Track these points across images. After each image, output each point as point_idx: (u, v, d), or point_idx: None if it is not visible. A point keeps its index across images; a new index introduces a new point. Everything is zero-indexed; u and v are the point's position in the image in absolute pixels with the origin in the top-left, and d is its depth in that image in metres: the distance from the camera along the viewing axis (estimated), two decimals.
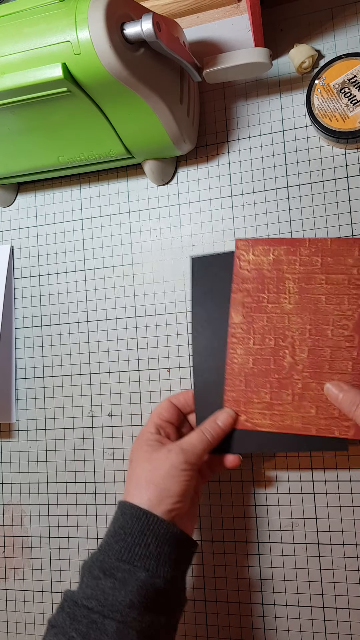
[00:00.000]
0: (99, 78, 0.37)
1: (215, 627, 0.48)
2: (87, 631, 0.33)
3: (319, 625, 0.45)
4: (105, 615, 0.33)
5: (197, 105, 0.50)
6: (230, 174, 0.50)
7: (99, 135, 0.45)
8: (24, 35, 0.37)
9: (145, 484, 0.38)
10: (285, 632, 0.46)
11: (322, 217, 0.47)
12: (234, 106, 0.50)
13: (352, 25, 0.48)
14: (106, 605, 0.34)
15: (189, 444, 0.40)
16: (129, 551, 0.35)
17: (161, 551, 0.36)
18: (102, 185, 0.54)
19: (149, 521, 0.36)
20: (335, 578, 0.45)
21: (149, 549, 0.35)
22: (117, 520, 0.38)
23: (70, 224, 0.55)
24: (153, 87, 0.40)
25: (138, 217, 0.53)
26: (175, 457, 0.39)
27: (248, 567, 0.47)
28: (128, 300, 0.53)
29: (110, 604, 0.34)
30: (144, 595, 0.34)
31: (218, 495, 0.48)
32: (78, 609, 0.34)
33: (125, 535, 0.36)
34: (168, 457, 0.39)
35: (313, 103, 0.46)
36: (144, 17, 0.36)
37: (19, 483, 0.55)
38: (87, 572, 0.36)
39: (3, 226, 0.58)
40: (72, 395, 0.54)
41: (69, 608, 0.35)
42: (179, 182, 0.52)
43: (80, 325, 0.54)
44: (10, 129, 0.44)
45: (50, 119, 0.43)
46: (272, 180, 0.49)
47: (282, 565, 0.46)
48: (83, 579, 0.36)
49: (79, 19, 0.36)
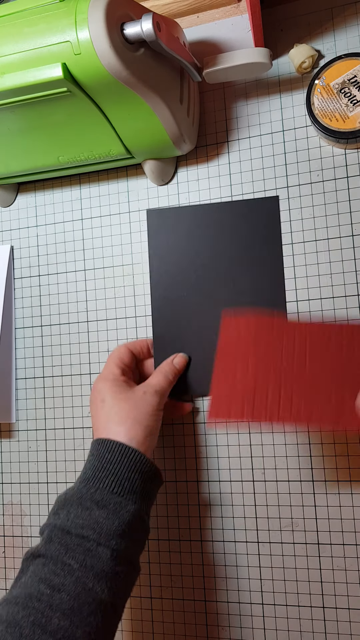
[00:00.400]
0: (99, 78, 0.37)
1: (215, 627, 0.48)
2: (83, 558, 0.35)
3: (319, 625, 0.45)
4: (100, 543, 0.36)
5: (197, 105, 0.50)
6: (230, 174, 0.50)
7: (99, 135, 0.45)
8: (24, 35, 0.37)
9: (131, 422, 0.41)
10: (285, 632, 0.46)
11: (322, 217, 0.47)
12: (234, 106, 0.50)
13: (352, 25, 0.48)
14: (101, 533, 0.36)
15: (159, 386, 0.44)
16: (119, 485, 0.38)
17: (144, 487, 0.40)
18: (102, 185, 0.54)
19: (136, 459, 0.39)
20: (335, 578, 0.45)
21: (136, 484, 0.39)
22: (103, 456, 0.40)
23: (70, 224, 0.55)
24: (153, 87, 0.40)
25: (138, 217, 0.53)
26: (151, 398, 0.42)
27: (248, 567, 0.47)
28: (128, 300, 0.53)
29: (105, 532, 0.36)
30: (132, 525, 0.38)
31: (218, 496, 0.48)
32: (71, 538, 0.36)
33: (114, 470, 0.39)
34: (145, 398, 0.42)
35: (313, 103, 0.46)
36: (144, 17, 0.36)
37: (19, 483, 0.55)
38: (75, 504, 0.38)
39: (3, 226, 0.58)
40: (72, 395, 0.54)
41: (59, 538, 0.36)
42: (179, 182, 0.52)
43: (80, 325, 0.54)
44: (10, 129, 0.44)
45: (50, 119, 0.43)
46: (272, 180, 0.49)
47: (282, 565, 0.46)
48: (70, 509, 0.38)
49: (79, 19, 0.36)
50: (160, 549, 0.50)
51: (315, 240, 0.47)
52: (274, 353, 0.41)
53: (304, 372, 0.40)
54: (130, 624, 0.50)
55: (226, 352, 0.42)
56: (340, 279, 0.46)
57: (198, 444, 0.49)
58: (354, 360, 0.40)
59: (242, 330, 0.42)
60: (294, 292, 0.47)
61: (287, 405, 0.40)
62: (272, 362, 0.41)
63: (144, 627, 0.50)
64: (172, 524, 0.50)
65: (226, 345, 0.42)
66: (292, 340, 0.41)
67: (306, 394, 0.40)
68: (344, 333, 0.41)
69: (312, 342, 0.41)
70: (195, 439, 0.50)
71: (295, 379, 0.40)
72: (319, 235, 0.47)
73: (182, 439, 0.50)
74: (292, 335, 0.41)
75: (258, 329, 0.42)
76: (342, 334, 0.41)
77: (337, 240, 0.47)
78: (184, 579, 0.49)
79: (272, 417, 0.39)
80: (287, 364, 0.41)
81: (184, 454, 0.50)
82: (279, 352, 0.41)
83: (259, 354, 0.41)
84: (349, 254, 0.46)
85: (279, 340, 0.41)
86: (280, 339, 0.41)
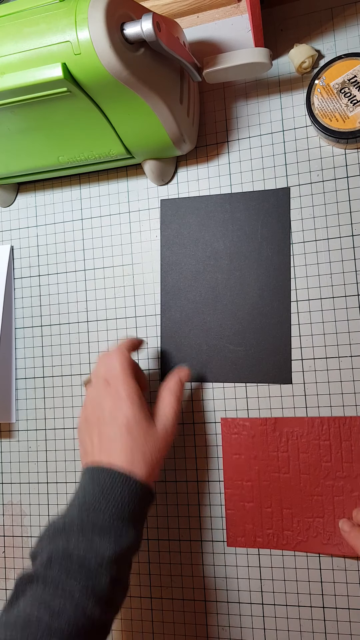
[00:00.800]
0: (99, 78, 0.37)
1: (215, 627, 0.48)
2: (84, 585, 0.35)
3: (319, 625, 0.45)
4: (100, 570, 0.36)
5: (197, 105, 0.50)
6: (230, 174, 0.50)
7: (99, 135, 0.45)
8: (24, 35, 0.37)
9: (150, 459, 0.40)
10: (285, 632, 0.46)
11: (322, 217, 0.47)
12: (234, 106, 0.50)
13: (352, 25, 0.48)
14: (102, 560, 0.36)
15: (175, 416, 0.43)
16: (119, 512, 0.38)
17: (144, 515, 0.40)
18: (102, 185, 0.54)
19: (144, 493, 0.39)
20: (335, 578, 0.45)
21: (138, 514, 0.39)
22: (104, 483, 0.39)
23: (70, 224, 0.55)
24: (153, 87, 0.40)
25: (138, 217, 0.53)
26: (164, 441, 0.42)
27: (248, 567, 0.47)
28: (128, 300, 0.53)
29: (107, 559, 0.36)
30: (130, 550, 0.38)
31: (218, 496, 0.48)
32: (72, 564, 0.36)
33: (116, 499, 0.39)
34: (163, 438, 0.42)
35: (313, 103, 0.46)
36: (144, 17, 0.36)
37: (19, 483, 0.55)
38: (75, 530, 0.38)
39: (3, 226, 0.58)
40: (72, 395, 0.54)
41: (59, 563, 0.36)
42: (179, 182, 0.52)
43: (80, 325, 0.54)
44: (10, 129, 0.44)
45: (50, 119, 0.43)
46: (272, 180, 0.49)
47: (282, 565, 0.46)
48: (70, 535, 0.37)
49: (79, 19, 0.36)
50: (160, 549, 0.50)
51: (315, 240, 0.47)
52: (273, 460, 0.46)
53: (299, 483, 0.45)
54: (130, 624, 0.50)
55: (231, 461, 0.48)
56: (340, 279, 0.46)
57: (198, 444, 0.49)
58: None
59: (241, 431, 0.47)
60: (294, 292, 0.47)
61: (289, 531, 0.46)
62: (272, 470, 0.46)
63: (144, 627, 0.50)
64: (172, 524, 0.50)
65: (229, 448, 0.48)
66: (286, 441, 0.46)
67: (303, 513, 0.45)
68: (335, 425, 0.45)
69: (303, 439, 0.46)
70: (195, 439, 0.50)
71: (294, 492, 0.46)
72: (318, 235, 0.47)
73: (182, 439, 0.50)
74: (284, 434, 0.46)
75: (255, 430, 0.47)
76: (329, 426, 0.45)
77: (337, 240, 0.47)
78: (184, 579, 0.49)
79: (279, 545, 0.46)
80: (285, 472, 0.46)
81: (184, 454, 0.50)
82: (277, 458, 0.46)
83: (258, 457, 0.47)
84: (349, 254, 0.46)
85: (276, 441, 0.46)
86: (276, 440, 0.46)
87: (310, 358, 0.47)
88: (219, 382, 0.49)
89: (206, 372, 0.49)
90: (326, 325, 0.46)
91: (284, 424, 0.46)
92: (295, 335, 0.47)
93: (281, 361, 0.47)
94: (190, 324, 0.50)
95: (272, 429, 0.46)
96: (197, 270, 0.50)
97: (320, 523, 0.45)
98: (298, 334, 0.47)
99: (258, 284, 0.48)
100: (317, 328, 0.47)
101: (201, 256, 0.50)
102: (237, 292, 0.49)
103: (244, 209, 0.49)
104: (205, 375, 0.49)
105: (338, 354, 0.46)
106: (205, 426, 0.49)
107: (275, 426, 0.46)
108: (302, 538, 0.45)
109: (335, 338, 0.46)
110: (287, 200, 0.48)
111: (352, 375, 0.45)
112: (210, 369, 0.49)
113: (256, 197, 0.49)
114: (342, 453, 0.44)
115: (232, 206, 0.49)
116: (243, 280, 0.48)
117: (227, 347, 0.49)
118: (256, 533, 0.46)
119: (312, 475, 0.45)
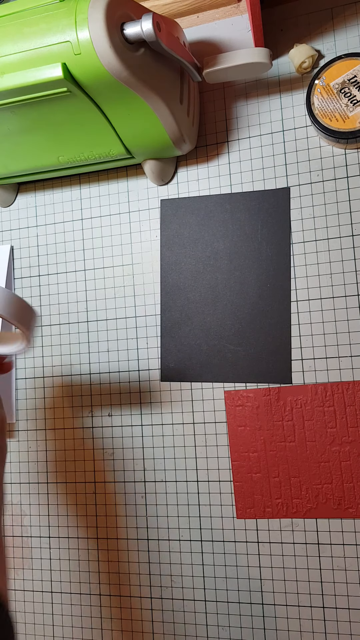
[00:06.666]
0: (99, 78, 0.37)
1: (215, 627, 0.48)
2: None
3: (319, 625, 0.45)
4: None
5: (197, 105, 0.50)
6: (230, 174, 0.50)
7: (99, 135, 0.45)
8: (24, 35, 0.37)
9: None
10: (285, 632, 0.46)
11: (322, 217, 0.47)
12: (234, 106, 0.50)
13: (352, 25, 0.48)
14: None
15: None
16: None
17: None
18: (102, 185, 0.54)
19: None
20: (335, 578, 0.45)
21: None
22: None
23: (70, 224, 0.55)
24: (153, 87, 0.40)
25: (138, 217, 0.53)
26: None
27: (248, 567, 0.47)
28: (128, 300, 0.53)
29: None
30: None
31: (218, 495, 0.48)
32: None
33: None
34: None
35: (313, 103, 0.46)
36: (144, 17, 0.36)
37: (19, 483, 0.55)
38: None
39: (3, 226, 0.58)
40: (72, 395, 0.54)
41: None
42: (179, 182, 0.52)
43: (80, 325, 0.54)
44: (10, 129, 0.44)
45: (50, 119, 0.43)
46: (272, 180, 0.49)
47: (282, 565, 0.46)
48: None
49: (79, 19, 0.36)
50: (160, 549, 0.50)
51: (315, 240, 0.47)
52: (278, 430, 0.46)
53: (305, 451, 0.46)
54: (130, 624, 0.50)
55: (236, 433, 0.48)
56: (340, 279, 0.46)
57: (198, 444, 0.49)
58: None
59: (245, 403, 0.48)
60: (294, 292, 0.47)
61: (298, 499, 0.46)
62: (278, 440, 0.46)
63: (144, 627, 0.50)
64: (172, 524, 0.50)
65: (234, 420, 0.48)
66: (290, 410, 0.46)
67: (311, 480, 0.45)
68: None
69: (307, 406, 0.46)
70: (195, 439, 0.50)
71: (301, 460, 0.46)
72: (318, 235, 0.47)
73: (182, 439, 0.50)
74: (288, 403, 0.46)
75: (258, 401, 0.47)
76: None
77: (337, 240, 0.47)
78: (184, 579, 0.49)
79: (289, 514, 0.46)
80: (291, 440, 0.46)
81: (183, 454, 0.50)
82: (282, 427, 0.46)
83: (263, 428, 0.47)
84: (349, 254, 0.46)
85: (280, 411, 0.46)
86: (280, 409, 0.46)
87: (310, 358, 0.47)
88: (219, 382, 0.49)
89: (206, 372, 0.49)
90: (326, 325, 0.46)
91: (287, 393, 0.46)
92: (295, 335, 0.47)
93: (281, 361, 0.47)
94: (190, 324, 0.50)
95: (275, 399, 0.46)
96: (197, 270, 0.50)
97: (329, 489, 0.45)
98: (298, 334, 0.47)
99: (258, 284, 0.48)
100: (317, 328, 0.47)
101: (201, 256, 0.50)
102: (237, 292, 0.49)
103: (244, 209, 0.49)
104: (205, 375, 0.49)
105: (338, 354, 0.46)
106: (205, 426, 0.49)
107: (279, 395, 0.46)
108: (311, 505, 0.45)
109: (335, 338, 0.46)
110: (287, 200, 0.48)
111: (352, 375, 0.45)
112: (210, 369, 0.49)
113: (256, 197, 0.49)
114: (347, 418, 0.44)
115: (232, 206, 0.49)
116: (243, 280, 0.48)
117: (227, 347, 0.49)
118: (265, 503, 0.46)
119: (318, 442, 0.45)
